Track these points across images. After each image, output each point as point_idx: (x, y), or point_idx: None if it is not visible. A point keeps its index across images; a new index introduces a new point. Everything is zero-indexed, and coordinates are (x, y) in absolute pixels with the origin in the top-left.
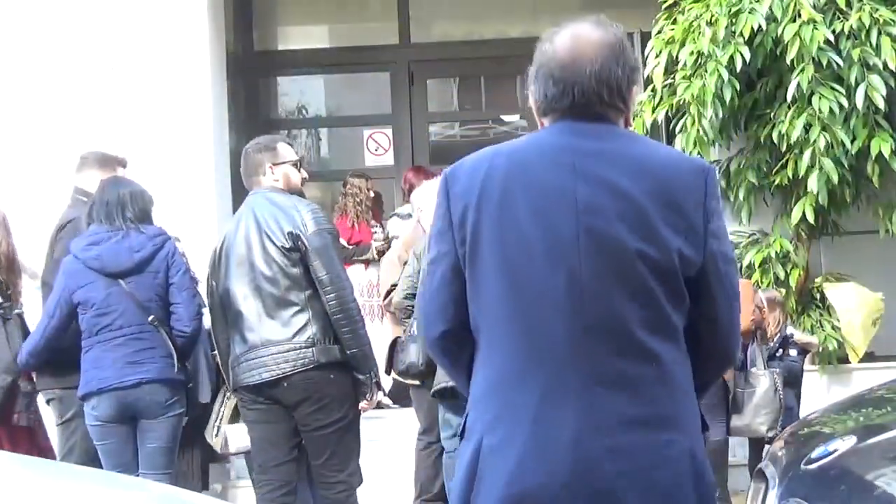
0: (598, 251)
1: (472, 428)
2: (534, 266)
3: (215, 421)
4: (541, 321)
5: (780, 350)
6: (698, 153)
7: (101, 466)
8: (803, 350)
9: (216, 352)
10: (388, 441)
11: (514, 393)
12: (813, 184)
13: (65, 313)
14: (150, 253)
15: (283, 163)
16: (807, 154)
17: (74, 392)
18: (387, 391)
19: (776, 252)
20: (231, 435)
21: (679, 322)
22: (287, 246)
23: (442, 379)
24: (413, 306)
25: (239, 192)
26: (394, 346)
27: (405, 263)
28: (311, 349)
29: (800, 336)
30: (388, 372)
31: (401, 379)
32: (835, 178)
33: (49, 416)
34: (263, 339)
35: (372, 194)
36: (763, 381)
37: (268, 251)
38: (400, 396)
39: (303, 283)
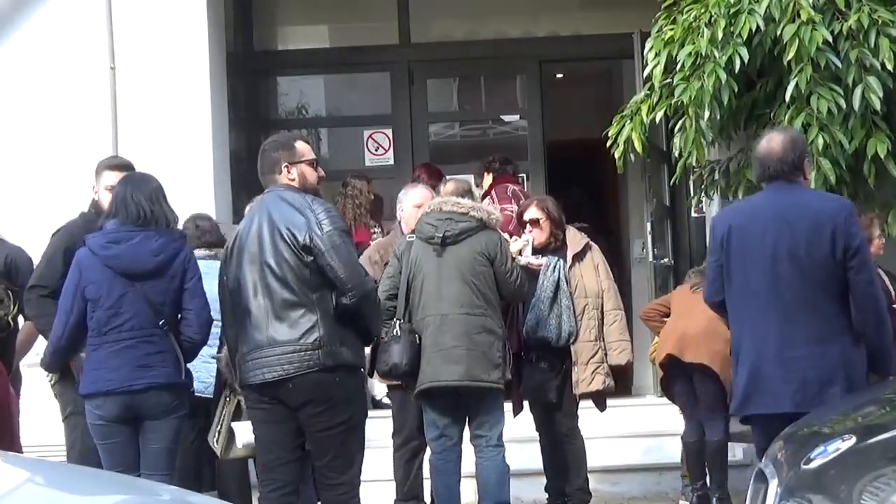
0: (786, 258)
1: (734, 353)
2: (756, 267)
3: (217, 425)
4: (759, 295)
5: None
6: (695, 154)
7: (100, 465)
8: None
9: (219, 354)
10: (386, 441)
11: (745, 334)
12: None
13: (82, 308)
14: (169, 256)
15: (300, 161)
16: None
17: (72, 387)
18: (387, 391)
19: None
20: (239, 431)
21: (835, 288)
22: (300, 245)
23: (426, 380)
24: (395, 307)
25: (239, 192)
26: (376, 347)
27: (385, 264)
28: (317, 351)
29: None
30: (370, 374)
31: (382, 381)
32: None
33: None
34: (270, 339)
35: (371, 197)
36: None
37: (280, 250)
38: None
39: (313, 285)
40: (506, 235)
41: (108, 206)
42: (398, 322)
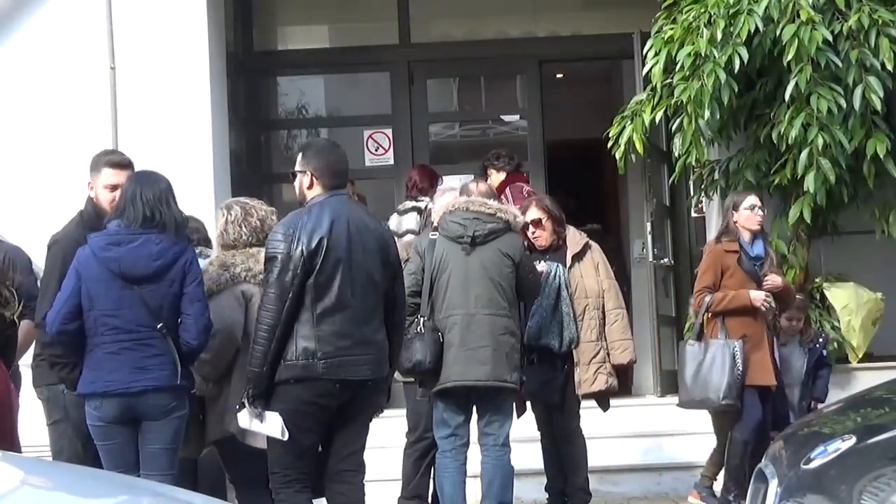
0: None
1: None
2: None
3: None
4: None
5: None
6: (695, 153)
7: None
8: None
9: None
10: (388, 442)
11: None
12: (809, 183)
13: (77, 303)
14: (169, 261)
15: None
16: (804, 153)
17: (60, 391)
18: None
19: None
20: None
21: None
22: (389, 259)
23: (452, 378)
24: (417, 303)
25: (239, 192)
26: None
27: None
28: (387, 357)
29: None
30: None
31: (402, 378)
32: (832, 179)
33: (41, 416)
34: (366, 338)
35: (355, 198)
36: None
37: (377, 258)
38: None
39: (383, 296)
40: None
41: (115, 204)
42: (422, 319)
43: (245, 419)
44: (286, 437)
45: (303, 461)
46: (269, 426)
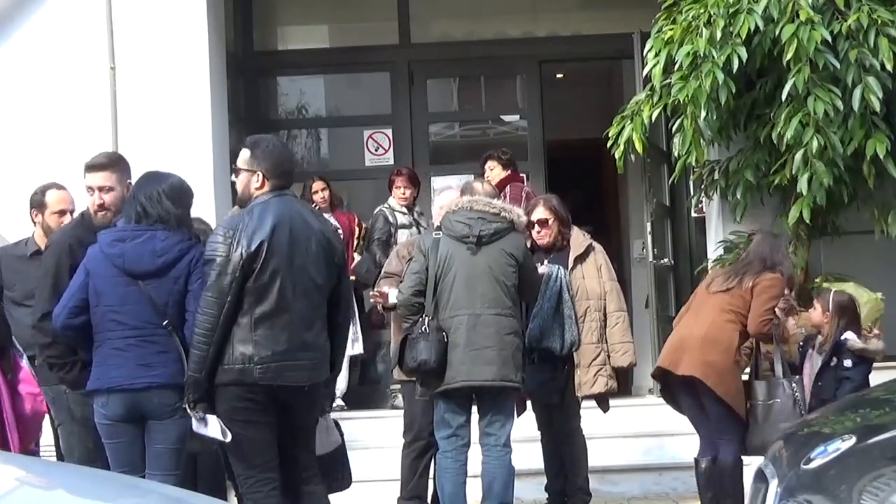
0: None
1: None
2: None
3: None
4: None
5: (834, 359)
6: (695, 153)
7: (103, 468)
8: (861, 358)
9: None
10: (385, 442)
11: None
12: (804, 185)
13: (83, 298)
14: (173, 258)
15: None
16: (798, 155)
17: (63, 392)
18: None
19: None
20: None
21: None
22: (336, 262)
23: (459, 378)
24: (421, 303)
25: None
26: (404, 343)
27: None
28: (328, 360)
29: (854, 342)
30: (391, 369)
31: (405, 377)
32: (826, 181)
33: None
34: (306, 342)
35: (326, 195)
36: (781, 391)
37: (321, 260)
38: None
39: (326, 298)
40: None
41: (95, 206)
42: (426, 319)
43: (195, 423)
44: (228, 439)
45: (262, 457)
46: (212, 429)
